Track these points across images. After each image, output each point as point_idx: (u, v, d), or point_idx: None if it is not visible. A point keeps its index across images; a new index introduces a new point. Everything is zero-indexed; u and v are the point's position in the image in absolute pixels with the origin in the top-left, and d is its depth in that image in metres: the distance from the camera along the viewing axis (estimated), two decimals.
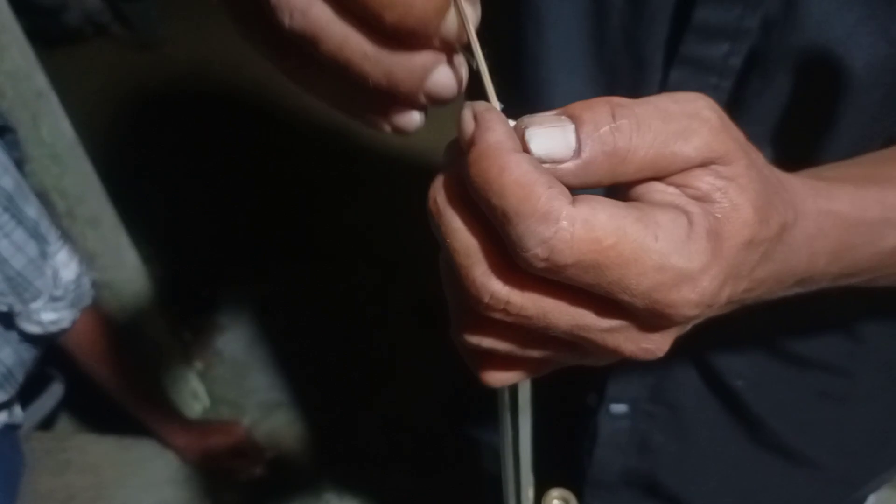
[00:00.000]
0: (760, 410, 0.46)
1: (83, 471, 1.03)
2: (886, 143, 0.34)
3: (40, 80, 1.00)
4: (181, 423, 1.10)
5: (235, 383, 1.54)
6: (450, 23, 0.21)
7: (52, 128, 1.02)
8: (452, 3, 0.20)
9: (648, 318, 0.21)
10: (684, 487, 0.51)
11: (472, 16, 0.21)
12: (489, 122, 0.20)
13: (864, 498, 0.56)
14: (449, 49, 0.22)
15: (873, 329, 0.42)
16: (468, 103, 0.22)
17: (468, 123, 0.21)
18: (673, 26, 0.34)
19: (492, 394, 0.32)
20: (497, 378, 0.25)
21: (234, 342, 1.61)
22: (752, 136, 0.25)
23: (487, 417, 0.34)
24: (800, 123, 0.34)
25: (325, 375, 1.53)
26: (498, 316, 0.21)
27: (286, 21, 0.20)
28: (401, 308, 1.60)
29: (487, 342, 0.23)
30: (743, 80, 0.34)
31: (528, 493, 0.37)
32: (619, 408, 0.49)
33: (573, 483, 0.52)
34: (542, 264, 0.19)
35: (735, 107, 0.34)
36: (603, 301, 0.21)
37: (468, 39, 0.21)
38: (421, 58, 0.21)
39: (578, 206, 0.19)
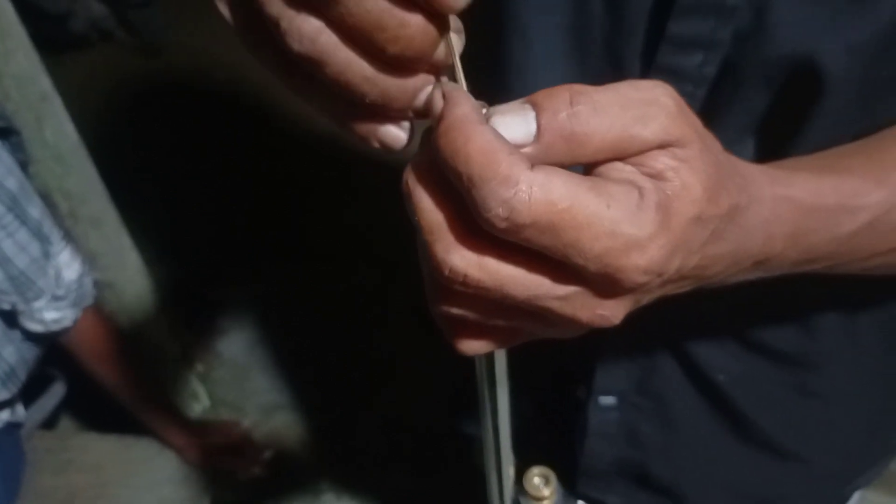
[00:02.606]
0: (744, 406, 0.47)
1: (84, 470, 1.04)
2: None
3: (45, 83, 1.02)
4: (181, 423, 1.11)
5: (236, 385, 1.55)
6: (440, 50, 0.24)
7: (56, 130, 1.04)
8: (443, 38, 0.23)
9: (601, 283, 0.23)
10: (675, 478, 0.52)
11: (459, 45, 0.24)
12: (456, 98, 0.22)
13: (852, 493, 0.57)
14: (437, 71, 0.25)
15: (833, 327, 0.43)
16: (437, 84, 0.24)
17: (437, 101, 0.23)
18: (649, 37, 0.35)
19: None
20: (469, 346, 0.26)
21: (235, 344, 1.62)
22: (728, 140, 0.26)
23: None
24: (773, 127, 0.36)
25: (325, 376, 1.54)
26: (459, 288, 0.23)
27: (295, 47, 0.22)
28: (401, 308, 1.61)
29: (456, 311, 0.24)
30: (718, 88, 0.35)
31: (510, 471, 0.38)
32: (607, 400, 0.50)
33: (567, 474, 0.53)
34: (503, 224, 0.21)
35: (710, 113, 0.35)
36: (559, 267, 0.22)
37: (453, 64, 0.24)
38: (413, 80, 0.24)
39: (536, 172, 0.21)
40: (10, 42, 0.96)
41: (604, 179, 0.22)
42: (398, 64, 0.23)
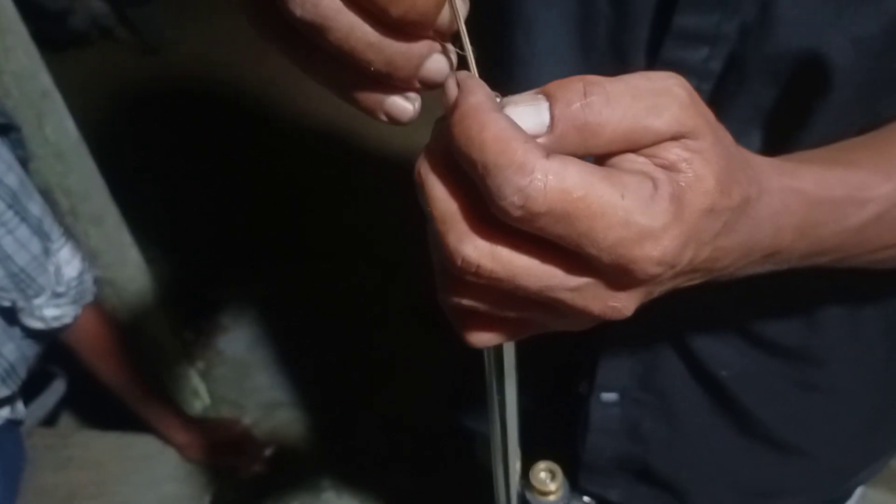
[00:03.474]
0: (746, 401, 0.47)
1: (84, 467, 1.04)
2: (858, 135, 0.35)
3: (45, 80, 1.02)
4: (182, 420, 1.11)
5: (236, 383, 1.54)
6: (444, 16, 0.23)
7: (57, 127, 1.04)
8: (447, 1, 0.23)
9: (614, 274, 0.22)
10: (676, 473, 0.52)
11: (463, 9, 0.24)
12: (471, 86, 0.22)
13: (854, 489, 0.57)
14: (441, 38, 0.24)
15: (836, 322, 0.43)
16: (451, 73, 0.24)
17: (452, 89, 0.23)
18: (654, 31, 0.35)
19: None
20: (479, 338, 0.26)
21: (236, 342, 1.62)
22: (733, 134, 0.26)
23: (484, 408, 0.35)
24: (778, 121, 0.36)
25: (326, 375, 1.54)
26: (471, 278, 0.23)
27: (297, 12, 0.22)
28: (401, 308, 1.61)
29: (466, 302, 0.24)
30: (723, 82, 0.35)
31: (516, 465, 0.38)
32: (609, 396, 0.50)
33: (569, 469, 0.53)
34: (517, 212, 0.21)
35: (715, 107, 0.35)
36: (572, 257, 0.22)
37: (458, 30, 0.24)
38: (418, 47, 0.23)
39: (551, 160, 0.21)
40: (11, 39, 0.96)
41: (618, 170, 0.22)
42: (402, 28, 0.23)
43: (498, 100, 0.23)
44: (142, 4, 2.31)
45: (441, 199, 0.22)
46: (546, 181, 0.20)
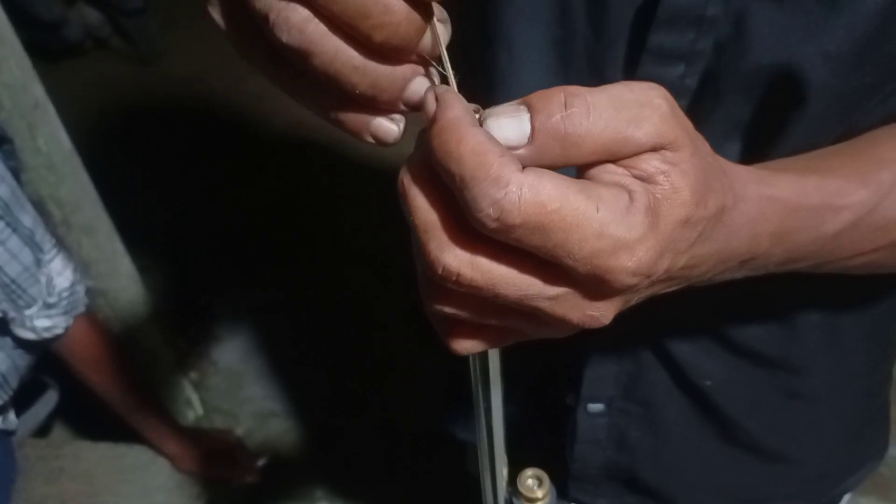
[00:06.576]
0: (731, 410, 0.48)
1: (76, 478, 1.03)
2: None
3: (38, 91, 1.02)
4: (174, 431, 1.10)
5: (230, 393, 1.54)
6: (426, 40, 0.24)
7: (49, 138, 1.04)
8: (429, 25, 0.23)
9: (590, 284, 0.23)
10: (662, 481, 0.52)
11: (445, 35, 0.24)
12: (449, 101, 0.23)
13: (841, 496, 0.57)
14: (424, 62, 0.25)
15: (815, 329, 0.44)
16: (430, 87, 0.24)
17: (430, 103, 0.23)
18: (631, 49, 0.36)
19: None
20: (462, 345, 0.26)
21: (229, 352, 1.61)
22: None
23: (473, 419, 0.36)
24: (753, 134, 0.36)
25: (320, 382, 1.54)
26: (452, 287, 0.23)
27: (283, 37, 0.23)
28: (395, 315, 1.61)
29: (449, 309, 0.25)
30: (699, 99, 0.36)
31: (503, 471, 0.38)
32: (595, 407, 0.50)
33: (557, 479, 0.53)
34: (493, 224, 0.21)
35: (692, 123, 0.36)
36: (549, 268, 0.23)
37: (440, 54, 0.25)
38: (401, 70, 0.24)
39: (527, 173, 0.21)
40: (3, 49, 0.96)
41: (594, 182, 0.22)
42: (386, 52, 0.23)
43: (478, 115, 0.23)
44: (136, 14, 2.31)
45: (423, 209, 0.23)
46: (521, 194, 0.21)
